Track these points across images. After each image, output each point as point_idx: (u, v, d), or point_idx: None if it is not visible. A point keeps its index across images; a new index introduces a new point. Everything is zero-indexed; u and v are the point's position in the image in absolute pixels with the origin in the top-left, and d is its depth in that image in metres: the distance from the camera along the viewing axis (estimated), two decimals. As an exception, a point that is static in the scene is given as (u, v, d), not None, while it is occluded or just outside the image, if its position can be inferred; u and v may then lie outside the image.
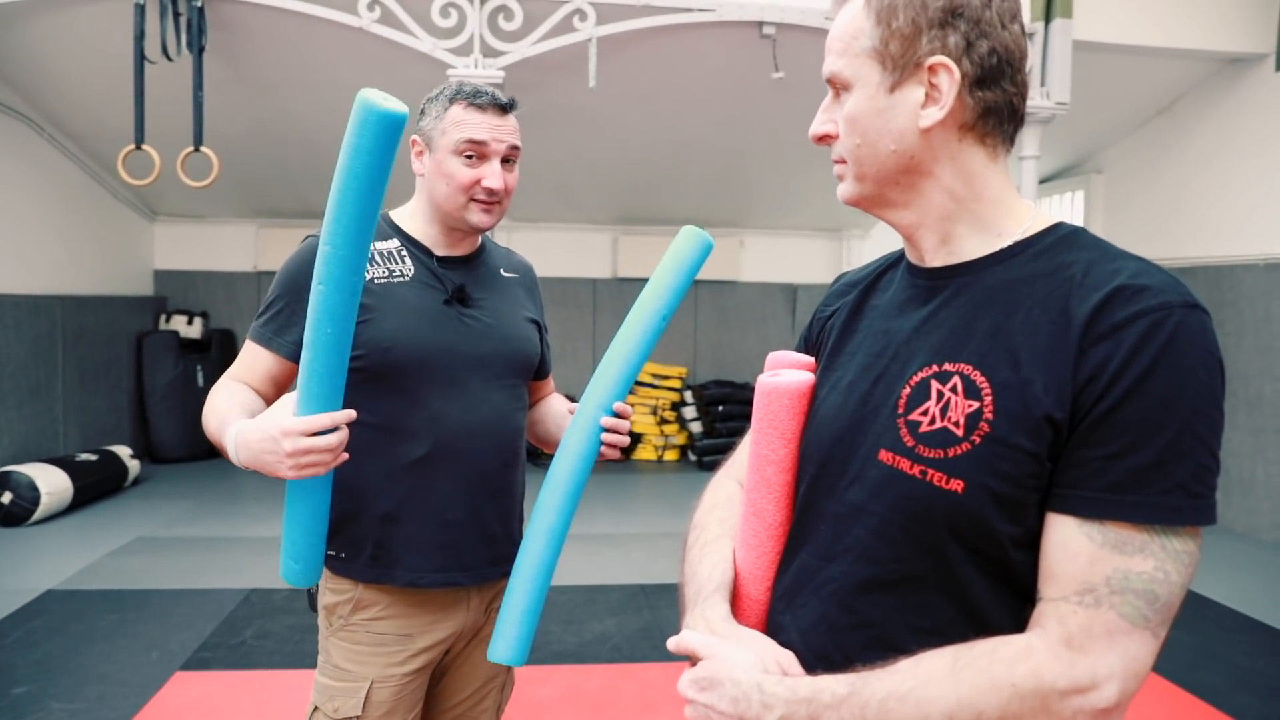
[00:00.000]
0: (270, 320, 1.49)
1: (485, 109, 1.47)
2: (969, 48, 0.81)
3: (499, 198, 1.49)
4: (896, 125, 0.83)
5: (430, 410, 1.45)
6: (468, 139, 1.45)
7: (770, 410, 0.95)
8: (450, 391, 1.46)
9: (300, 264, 1.47)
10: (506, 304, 1.58)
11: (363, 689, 1.46)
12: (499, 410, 1.52)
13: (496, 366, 1.53)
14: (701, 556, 0.99)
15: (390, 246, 1.51)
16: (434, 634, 1.51)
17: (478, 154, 1.46)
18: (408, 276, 1.49)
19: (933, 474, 0.78)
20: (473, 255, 1.59)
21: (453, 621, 1.53)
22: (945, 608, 0.80)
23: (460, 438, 1.47)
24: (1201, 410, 0.72)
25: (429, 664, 1.53)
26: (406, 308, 1.46)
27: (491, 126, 1.47)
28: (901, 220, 0.89)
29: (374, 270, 1.47)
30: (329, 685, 1.48)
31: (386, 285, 1.47)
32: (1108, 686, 0.72)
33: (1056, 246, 0.82)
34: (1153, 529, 0.72)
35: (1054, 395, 0.74)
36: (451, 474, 1.46)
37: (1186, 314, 0.73)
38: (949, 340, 0.83)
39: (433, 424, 1.45)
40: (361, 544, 1.47)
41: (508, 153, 1.49)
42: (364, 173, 1.17)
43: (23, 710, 2.75)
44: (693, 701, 0.83)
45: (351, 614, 1.49)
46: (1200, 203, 5.45)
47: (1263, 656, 3.35)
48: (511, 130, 1.50)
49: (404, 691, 1.50)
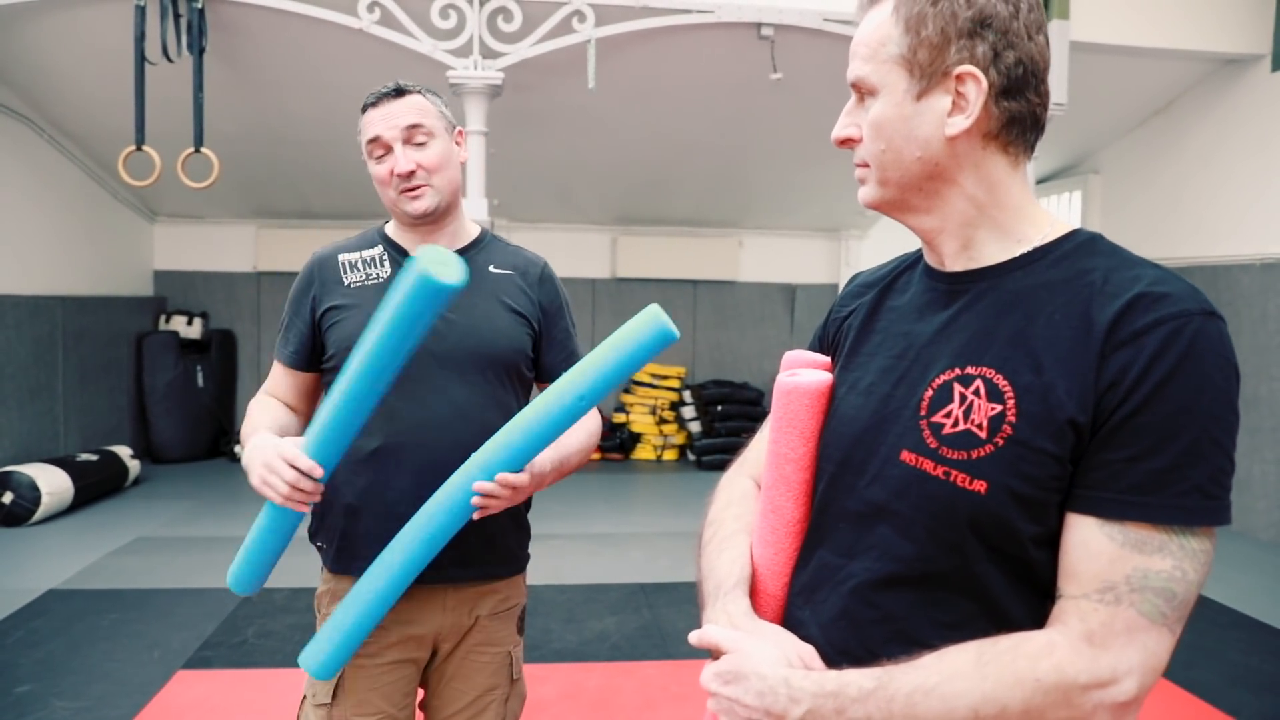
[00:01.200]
0: (281, 337, 1.63)
1: (378, 103, 1.52)
2: (996, 58, 0.82)
3: (418, 180, 1.51)
4: (922, 133, 0.84)
5: (385, 405, 1.39)
6: (367, 140, 1.52)
7: (789, 409, 0.96)
8: (407, 387, 1.43)
9: (301, 283, 1.60)
10: (483, 299, 1.56)
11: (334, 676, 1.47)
12: (459, 406, 1.50)
13: (458, 361, 1.51)
14: (720, 552, 1.00)
15: (374, 253, 1.58)
16: (409, 629, 1.52)
17: (382, 148, 1.51)
18: (383, 279, 1.54)
19: (956, 475, 0.80)
20: (456, 252, 1.59)
21: (429, 619, 1.53)
22: (966, 603, 0.82)
23: (412, 432, 1.47)
24: (1218, 415, 0.75)
25: (407, 659, 1.54)
26: (371, 307, 1.44)
27: (383, 117, 1.50)
28: (923, 225, 0.90)
29: (353, 275, 1.55)
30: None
31: (362, 288, 1.54)
32: (1127, 681, 0.74)
33: (1076, 253, 0.84)
34: (1171, 529, 0.74)
35: (1076, 399, 0.76)
36: (405, 469, 1.47)
37: (1205, 321, 0.75)
38: (971, 344, 0.84)
39: (386, 418, 1.45)
40: (332, 535, 1.53)
41: (406, 134, 1.50)
42: (399, 326, 1.21)
43: (25, 709, 2.76)
44: (716, 695, 0.84)
45: (329, 604, 1.53)
46: (1197, 203, 5.47)
47: (1258, 654, 3.37)
48: (405, 110, 1.50)
49: (378, 683, 1.51)
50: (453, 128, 1.58)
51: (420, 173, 1.50)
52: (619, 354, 1.22)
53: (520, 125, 5.19)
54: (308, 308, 1.57)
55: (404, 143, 1.50)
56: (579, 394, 1.25)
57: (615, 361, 1.22)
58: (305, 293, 1.57)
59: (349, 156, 6.54)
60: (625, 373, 1.23)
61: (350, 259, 1.57)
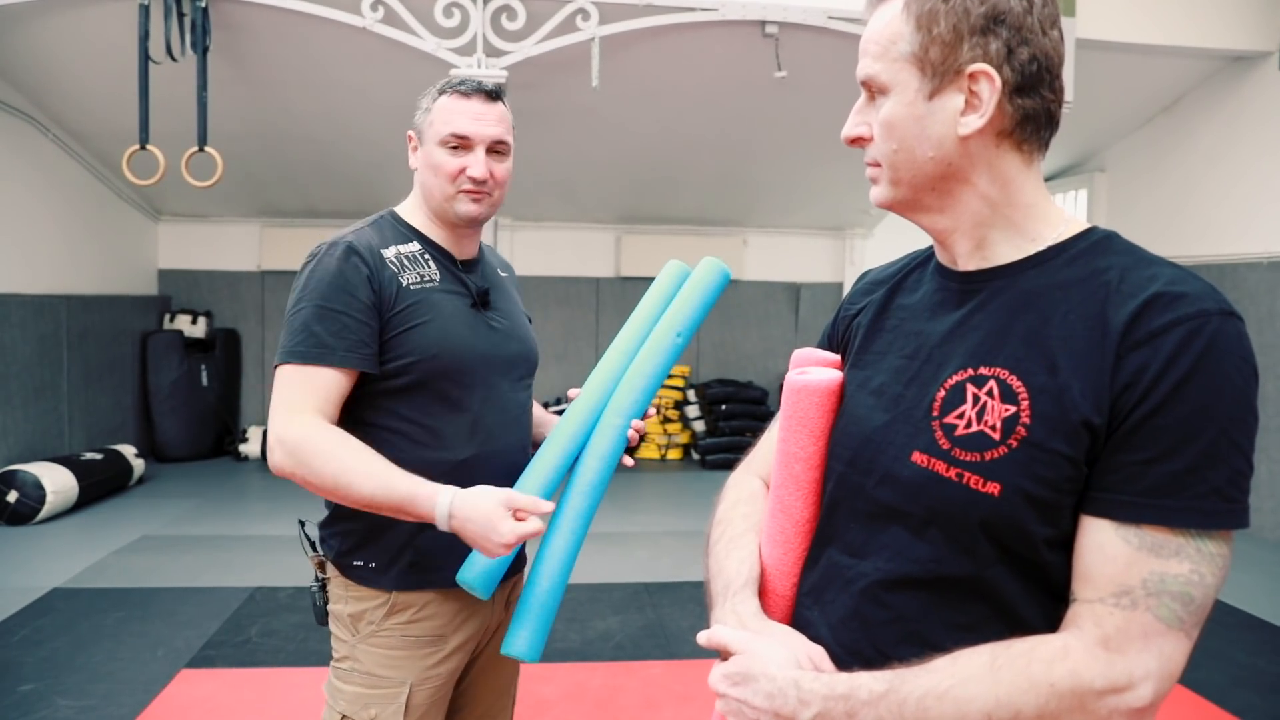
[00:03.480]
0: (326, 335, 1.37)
1: (470, 96, 1.46)
2: (1010, 55, 0.80)
3: (487, 188, 1.48)
4: (935, 132, 0.82)
5: (472, 414, 1.47)
6: (451, 131, 1.46)
7: (799, 408, 0.95)
8: (487, 395, 1.49)
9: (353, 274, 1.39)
10: (512, 305, 1.61)
11: (403, 694, 1.43)
12: (524, 409, 1.57)
13: (520, 368, 1.56)
14: (729, 551, 0.99)
15: (413, 250, 1.49)
16: (464, 631, 1.52)
17: (462, 145, 1.46)
18: (436, 281, 1.48)
19: (969, 477, 0.79)
20: (479, 257, 1.60)
21: (480, 617, 1.54)
22: (978, 605, 0.81)
23: (497, 438, 1.50)
24: (1237, 417, 0.73)
25: (461, 664, 1.53)
26: (444, 314, 1.46)
27: (476, 115, 1.46)
28: (936, 225, 0.89)
29: (407, 276, 1.45)
30: (363, 694, 1.44)
31: (421, 290, 1.45)
32: (1143, 687, 0.73)
33: (1091, 251, 0.82)
34: (1188, 533, 0.73)
35: (1091, 400, 0.75)
36: (489, 474, 1.45)
37: (1223, 321, 0.74)
38: (984, 344, 0.83)
39: (475, 427, 1.47)
40: (398, 552, 1.45)
41: (492, 144, 1.48)
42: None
43: (30, 707, 2.76)
44: (725, 696, 0.83)
45: (385, 619, 1.46)
46: (1203, 201, 5.45)
47: (1264, 654, 3.36)
48: (497, 119, 1.48)
49: (440, 694, 1.49)
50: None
51: (490, 183, 1.48)
52: (699, 295, 1.53)
53: (524, 124, 5.15)
54: (371, 302, 1.39)
55: (487, 150, 1.47)
56: (676, 331, 1.51)
57: (697, 301, 1.52)
58: (363, 284, 1.38)
59: (353, 155, 6.54)
60: (704, 312, 1.54)
61: (393, 255, 1.45)
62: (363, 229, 1.49)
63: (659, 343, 1.51)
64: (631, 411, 1.48)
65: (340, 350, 1.36)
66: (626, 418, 1.48)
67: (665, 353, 1.50)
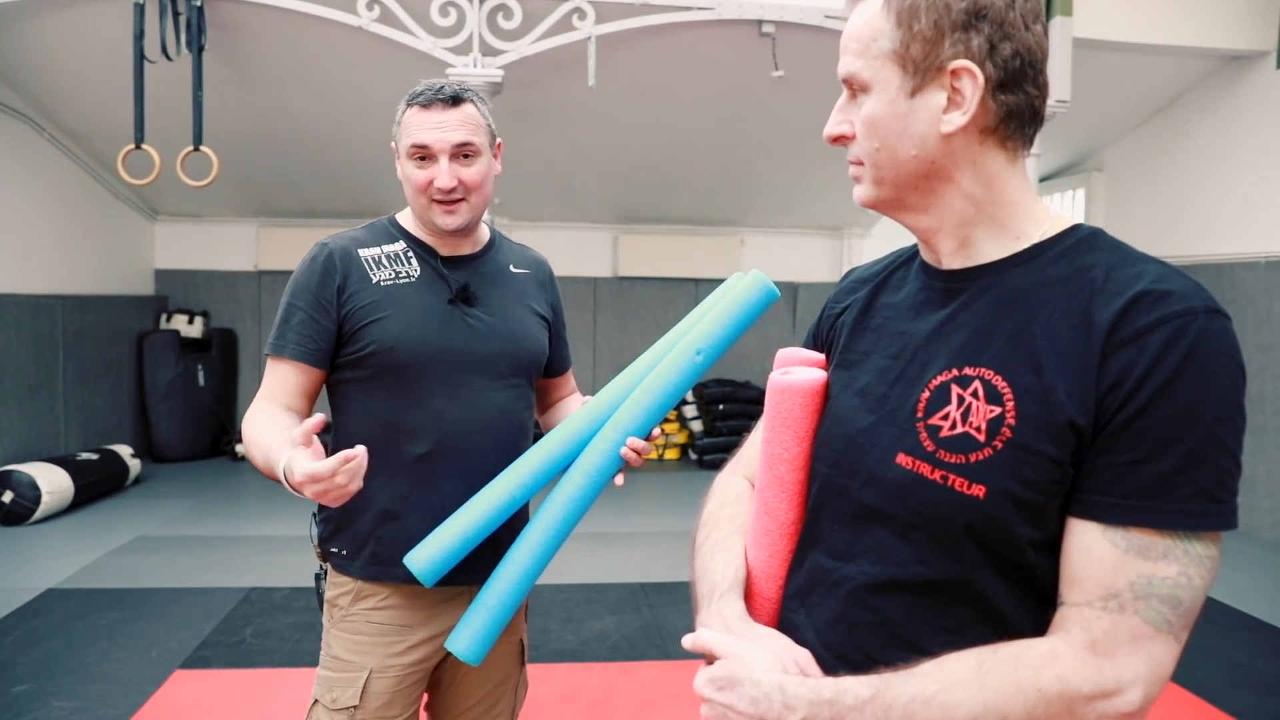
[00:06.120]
0: (287, 332, 1.47)
1: (429, 107, 1.45)
2: (992, 50, 0.79)
3: (457, 195, 1.47)
4: (918, 130, 0.81)
5: (433, 409, 1.46)
6: (412, 142, 1.45)
7: (783, 408, 0.94)
8: (453, 390, 1.47)
9: (317, 275, 1.47)
10: (512, 302, 1.58)
11: (361, 678, 1.47)
12: (501, 410, 1.53)
13: (500, 366, 1.53)
14: (714, 554, 0.99)
15: (397, 249, 1.52)
16: (432, 627, 1.52)
17: (426, 155, 1.46)
18: (414, 277, 1.50)
19: (954, 479, 0.78)
20: (479, 253, 1.58)
21: (451, 617, 1.53)
22: (965, 608, 0.80)
23: (462, 436, 1.48)
24: (1224, 417, 0.73)
25: (427, 658, 1.53)
26: (410, 308, 1.47)
27: (435, 125, 1.44)
28: (919, 224, 0.88)
29: (380, 273, 1.48)
30: (328, 676, 1.50)
31: (393, 286, 1.48)
32: (1132, 691, 0.72)
33: (1076, 249, 0.81)
34: (1176, 534, 0.72)
35: (1077, 401, 0.74)
36: (453, 472, 1.47)
37: (1210, 319, 0.73)
38: (969, 344, 0.82)
39: (435, 422, 1.46)
40: (363, 541, 1.49)
41: (455, 150, 1.45)
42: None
43: (23, 708, 2.75)
44: (710, 701, 0.82)
45: (351, 605, 1.50)
46: (1201, 201, 5.44)
47: (1261, 654, 3.35)
48: (458, 123, 1.45)
49: (402, 684, 1.50)
50: (494, 140, 1.53)
51: (460, 189, 1.47)
52: (734, 312, 1.37)
53: (520, 123, 5.18)
54: (331, 301, 1.46)
55: (451, 158, 1.45)
56: (697, 349, 1.37)
57: (730, 320, 1.37)
58: (325, 285, 1.46)
59: (350, 154, 6.53)
60: (736, 331, 1.37)
61: (372, 255, 1.49)
62: (355, 231, 1.54)
63: (677, 360, 1.39)
64: (630, 429, 1.41)
65: (291, 344, 1.46)
66: (623, 435, 1.42)
67: (681, 371, 1.39)
